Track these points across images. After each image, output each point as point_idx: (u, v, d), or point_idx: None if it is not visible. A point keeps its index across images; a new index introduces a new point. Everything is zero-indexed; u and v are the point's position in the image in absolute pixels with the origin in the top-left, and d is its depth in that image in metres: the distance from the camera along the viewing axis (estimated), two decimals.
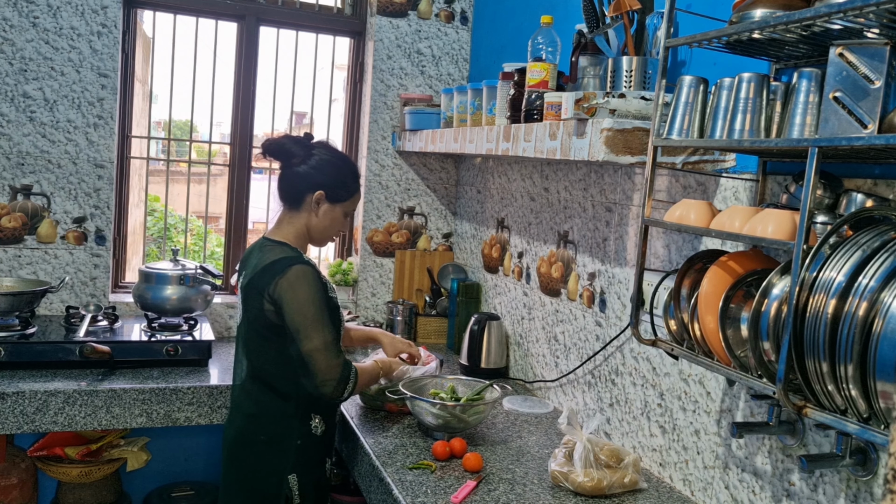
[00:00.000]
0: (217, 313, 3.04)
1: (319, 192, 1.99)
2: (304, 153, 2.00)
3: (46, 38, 2.72)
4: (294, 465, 1.95)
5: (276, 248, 1.97)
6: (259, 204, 3.37)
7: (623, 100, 1.66)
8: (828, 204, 1.36)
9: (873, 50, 1.09)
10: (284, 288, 1.87)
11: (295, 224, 2.02)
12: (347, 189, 2.04)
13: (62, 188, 2.80)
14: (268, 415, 1.96)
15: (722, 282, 1.38)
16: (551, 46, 2.05)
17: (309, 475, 1.99)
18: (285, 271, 1.88)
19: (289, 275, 1.88)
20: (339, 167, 2.03)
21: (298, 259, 1.93)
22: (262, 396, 1.97)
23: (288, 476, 1.95)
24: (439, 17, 3.22)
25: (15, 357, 2.39)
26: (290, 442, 1.95)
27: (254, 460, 1.96)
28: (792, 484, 1.52)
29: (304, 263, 1.92)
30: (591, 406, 2.24)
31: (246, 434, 1.98)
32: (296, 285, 1.87)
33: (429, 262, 3.27)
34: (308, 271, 1.90)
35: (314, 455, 2.01)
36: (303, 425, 1.97)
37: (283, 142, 2.02)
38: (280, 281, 1.87)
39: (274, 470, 1.95)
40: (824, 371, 1.12)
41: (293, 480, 1.95)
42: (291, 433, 1.95)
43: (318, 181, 1.99)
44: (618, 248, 2.13)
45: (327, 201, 2.01)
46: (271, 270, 1.90)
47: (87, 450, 2.65)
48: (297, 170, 2.00)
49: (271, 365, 1.96)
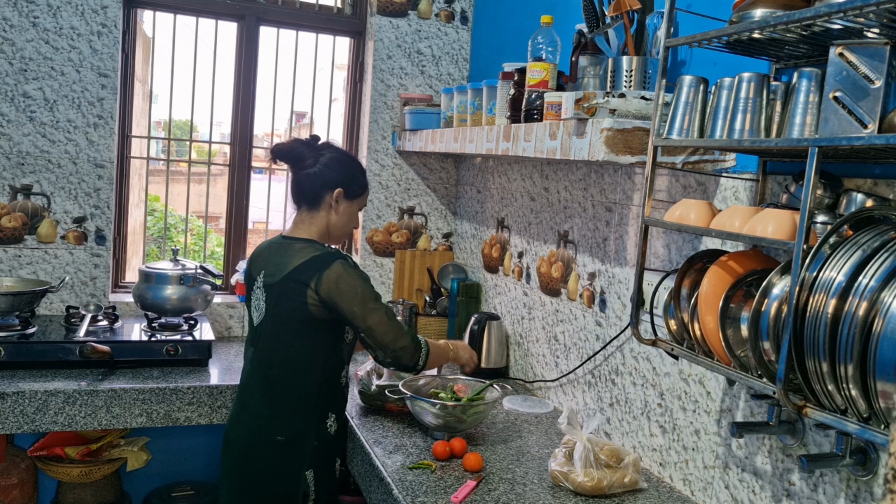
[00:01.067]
0: (217, 313, 3.04)
1: (338, 190, 2.02)
2: (315, 154, 2.03)
3: (46, 38, 2.72)
4: (311, 462, 1.98)
5: (309, 246, 1.99)
6: (259, 204, 3.37)
7: (623, 99, 1.66)
8: (828, 204, 1.36)
9: (873, 50, 1.09)
10: (332, 279, 1.89)
11: (316, 223, 2.04)
12: (360, 184, 2.09)
13: (62, 188, 2.80)
14: (285, 415, 1.96)
15: (722, 281, 1.38)
16: (551, 46, 2.05)
17: (324, 471, 2.01)
18: (330, 265, 1.91)
19: (334, 267, 1.91)
20: (350, 164, 2.09)
21: (337, 254, 1.98)
22: (277, 396, 1.97)
23: (305, 472, 1.97)
24: (439, 17, 3.22)
25: (15, 357, 2.39)
26: (308, 442, 1.96)
27: (269, 460, 1.96)
28: (792, 484, 1.52)
29: (342, 257, 1.96)
30: (591, 406, 2.24)
31: (260, 435, 1.97)
32: (344, 276, 1.91)
33: (429, 261, 3.27)
34: (350, 263, 1.96)
35: (328, 453, 2.03)
36: (320, 423, 1.98)
37: (292, 145, 2.05)
38: (327, 274, 1.90)
39: (292, 468, 1.96)
40: (824, 371, 1.12)
41: (310, 476, 1.97)
42: (309, 432, 1.97)
43: (334, 179, 2.02)
44: (618, 247, 2.13)
45: (346, 198, 2.04)
46: (314, 265, 1.92)
47: (87, 449, 2.65)
48: (310, 171, 2.02)
49: (297, 362, 1.96)
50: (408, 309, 3.12)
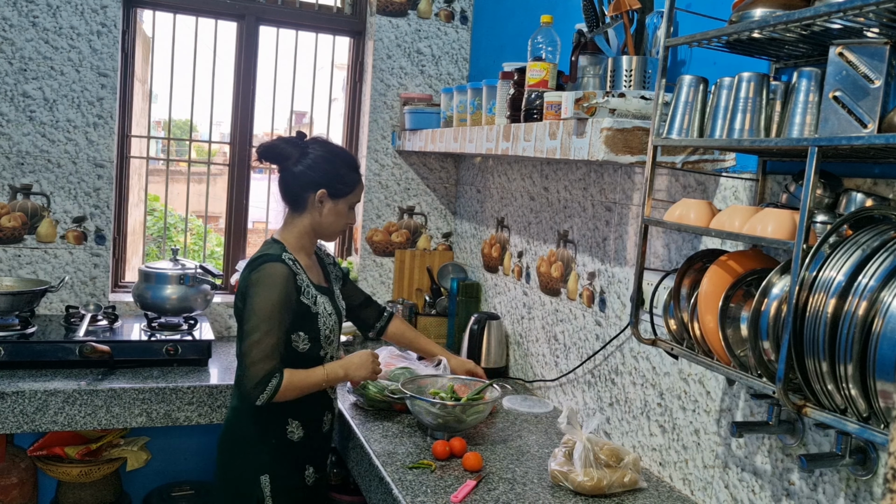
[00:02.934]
0: (217, 313, 3.04)
1: (321, 191, 1.97)
2: (299, 153, 1.98)
3: (46, 38, 2.72)
4: (268, 465, 1.94)
5: (266, 245, 2.00)
6: (259, 203, 3.37)
7: (623, 99, 1.66)
8: (827, 203, 1.36)
9: (873, 49, 1.09)
10: (252, 282, 1.88)
11: (298, 225, 2.01)
12: (347, 183, 2.01)
13: (62, 188, 2.80)
14: (247, 410, 1.96)
15: (722, 281, 1.38)
16: (551, 46, 2.05)
17: (283, 479, 1.96)
18: (259, 268, 1.88)
19: (259, 271, 1.88)
20: (336, 162, 2.00)
21: (275, 257, 1.90)
22: (238, 394, 1.99)
23: (261, 476, 1.93)
24: (439, 17, 3.22)
25: (15, 356, 2.39)
26: (266, 441, 1.95)
27: (233, 456, 1.97)
28: (792, 483, 1.52)
29: (278, 262, 1.89)
30: (590, 405, 2.24)
31: (230, 428, 2.00)
32: (260, 281, 1.86)
33: (429, 261, 3.27)
34: (279, 271, 1.87)
35: (290, 459, 1.98)
36: (278, 427, 1.96)
37: (276, 144, 2.01)
38: (251, 276, 1.88)
39: (249, 468, 1.94)
40: (824, 370, 1.12)
41: (265, 482, 1.93)
42: (266, 432, 1.95)
43: (317, 180, 1.97)
44: (617, 247, 2.13)
45: (330, 199, 1.99)
46: (249, 266, 1.92)
47: (86, 449, 2.65)
48: (293, 171, 1.98)
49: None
50: (408, 309, 3.12)
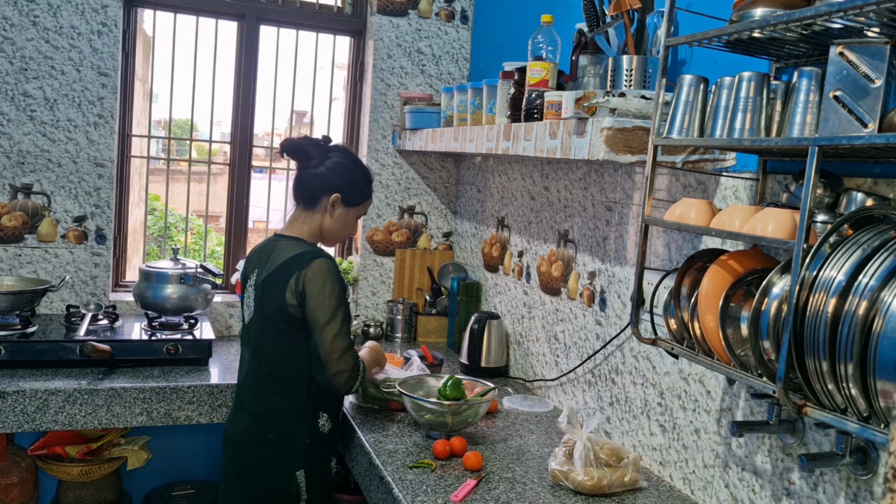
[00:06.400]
0: (217, 312, 3.04)
1: (336, 195, 2.03)
2: (322, 155, 2.04)
3: (47, 37, 2.72)
4: (303, 462, 1.97)
5: (294, 243, 2.01)
6: (259, 203, 3.37)
7: (623, 99, 1.66)
8: (828, 203, 1.36)
9: (873, 49, 1.09)
10: (308, 280, 1.90)
11: (309, 223, 2.06)
12: (361, 193, 2.09)
13: (62, 187, 2.80)
14: (276, 413, 1.97)
15: (722, 281, 1.38)
16: (551, 45, 2.05)
17: (317, 472, 2.00)
18: (309, 264, 1.92)
19: (312, 267, 1.91)
20: (356, 171, 2.08)
21: (320, 253, 1.98)
22: (269, 395, 1.98)
23: (297, 472, 1.96)
24: (439, 16, 3.22)
25: (15, 356, 2.39)
26: (300, 440, 1.97)
27: (262, 459, 1.97)
28: (792, 483, 1.52)
29: (325, 257, 1.96)
30: (591, 405, 2.24)
31: (253, 433, 1.99)
32: (319, 278, 1.91)
33: (429, 261, 3.27)
34: (331, 265, 1.94)
35: (321, 453, 2.03)
36: (311, 423, 1.98)
37: (301, 143, 2.06)
38: (305, 273, 1.91)
39: (283, 468, 1.96)
40: (824, 370, 1.12)
41: (301, 476, 1.96)
42: (300, 431, 1.97)
43: (335, 184, 2.03)
44: (618, 246, 2.13)
45: (342, 204, 2.05)
46: (295, 264, 1.93)
47: (87, 448, 2.66)
48: (314, 171, 2.03)
49: (284, 360, 1.97)
50: (408, 308, 3.12)
